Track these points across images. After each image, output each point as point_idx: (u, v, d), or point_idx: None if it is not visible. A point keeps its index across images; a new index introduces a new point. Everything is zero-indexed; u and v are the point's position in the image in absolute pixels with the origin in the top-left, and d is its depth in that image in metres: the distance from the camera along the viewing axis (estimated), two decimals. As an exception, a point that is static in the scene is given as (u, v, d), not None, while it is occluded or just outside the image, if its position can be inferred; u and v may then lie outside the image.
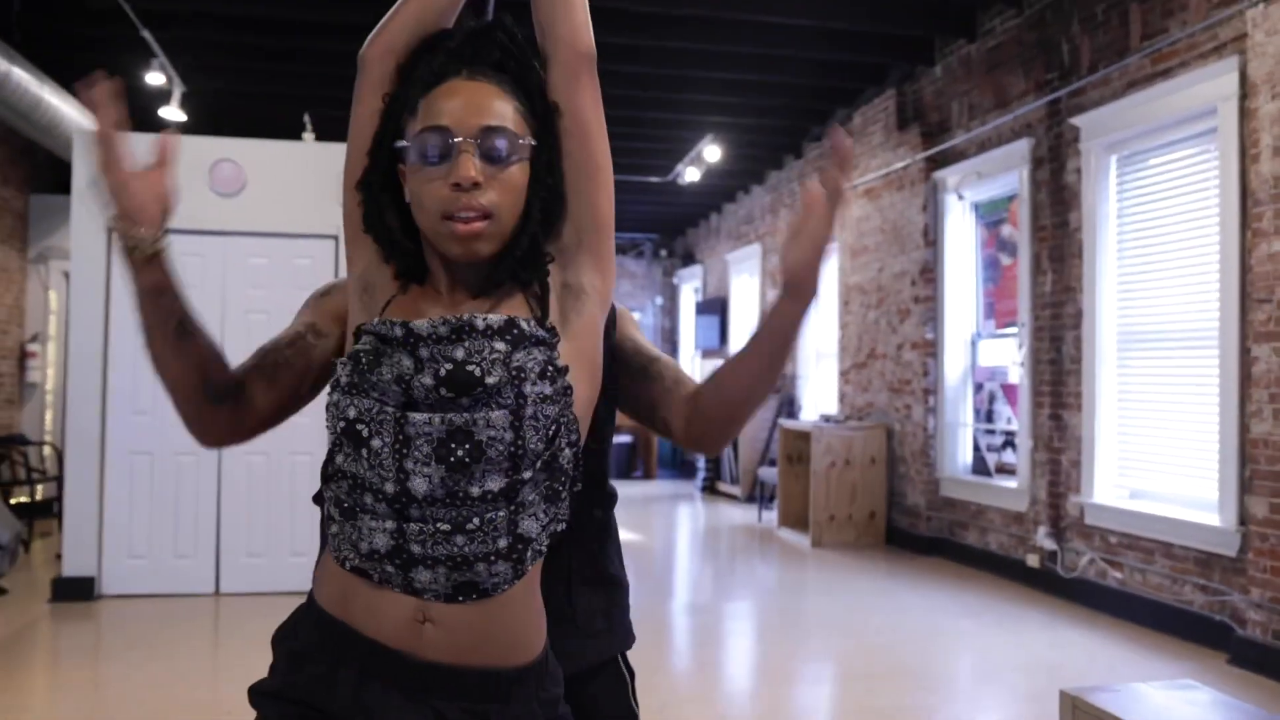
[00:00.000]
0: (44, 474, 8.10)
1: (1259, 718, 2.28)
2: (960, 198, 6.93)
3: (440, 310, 1.17)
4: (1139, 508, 5.17)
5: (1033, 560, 5.91)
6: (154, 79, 6.90)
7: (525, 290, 1.18)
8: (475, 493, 1.07)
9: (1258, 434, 4.33)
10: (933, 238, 7.15)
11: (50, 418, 8.85)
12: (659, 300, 15.04)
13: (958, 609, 5.50)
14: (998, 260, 6.66)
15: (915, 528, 7.25)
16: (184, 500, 5.57)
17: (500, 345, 1.10)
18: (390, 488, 1.08)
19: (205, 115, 8.12)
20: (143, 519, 5.53)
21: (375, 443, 1.08)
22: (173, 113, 7.27)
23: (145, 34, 6.26)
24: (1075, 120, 5.63)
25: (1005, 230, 6.56)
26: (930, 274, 7.15)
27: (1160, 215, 5.22)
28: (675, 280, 14.71)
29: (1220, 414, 4.64)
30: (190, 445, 6.09)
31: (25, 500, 7.66)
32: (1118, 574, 5.27)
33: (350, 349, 1.15)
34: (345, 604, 1.13)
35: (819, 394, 9.49)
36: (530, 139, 1.16)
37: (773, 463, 8.92)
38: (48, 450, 8.36)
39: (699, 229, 13.52)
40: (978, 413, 6.86)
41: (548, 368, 1.10)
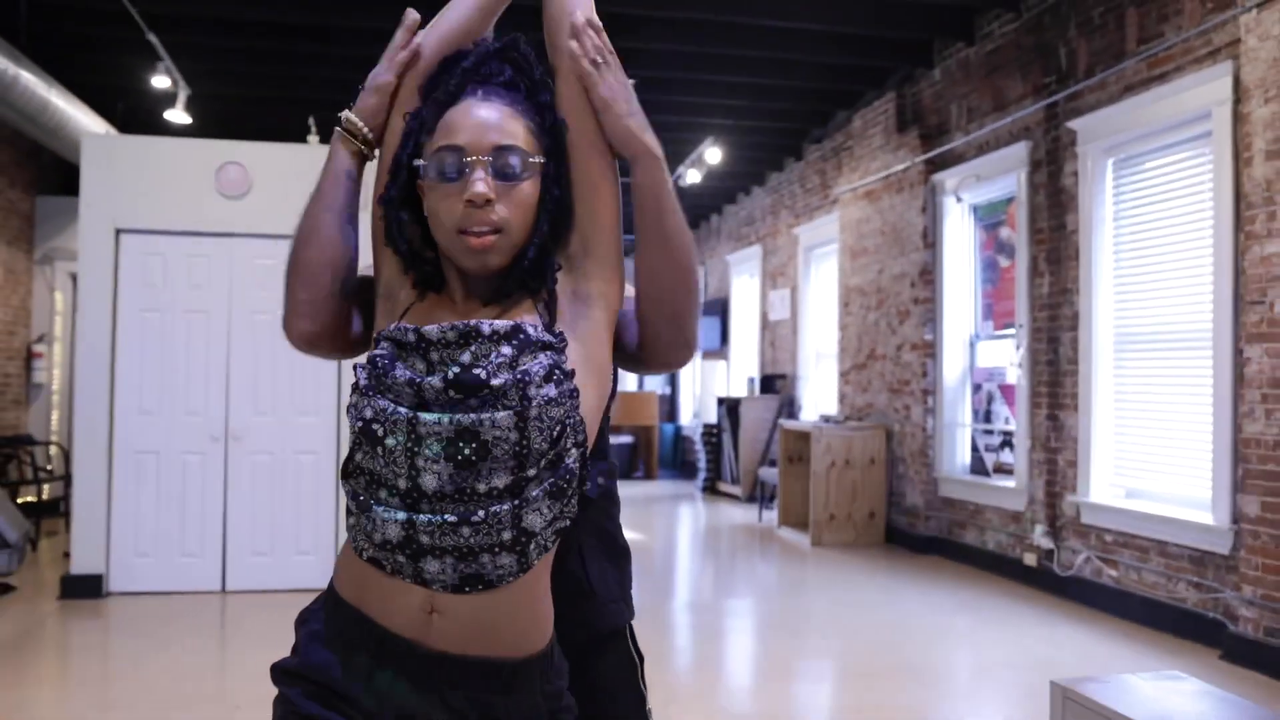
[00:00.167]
0: (50, 473, 8.17)
1: (1243, 707, 2.33)
2: (959, 200, 6.98)
3: (453, 317, 1.22)
4: (1134, 507, 5.23)
5: (1030, 559, 5.96)
6: (160, 82, 6.95)
7: (534, 298, 1.24)
8: (482, 489, 1.13)
9: (1250, 434, 4.39)
10: (931, 240, 7.20)
11: (56, 418, 8.92)
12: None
13: (956, 607, 5.55)
14: (996, 262, 6.71)
15: (914, 527, 7.31)
16: (191, 498, 5.63)
17: (506, 349, 1.15)
18: (403, 483, 1.14)
19: (211, 118, 8.19)
20: (150, 517, 5.59)
21: (389, 441, 1.14)
22: (178, 115, 7.32)
23: (151, 37, 6.30)
24: (1072, 124, 5.68)
25: (1003, 232, 6.61)
26: (929, 276, 7.20)
27: (1156, 218, 5.28)
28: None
29: (1214, 414, 4.70)
30: (197, 444, 6.10)
31: (32, 500, 7.72)
32: (1113, 572, 5.33)
33: (370, 353, 1.22)
34: (361, 592, 1.20)
35: (819, 395, 9.55)
36: (540, 156, 1.22)
37: (773, 463, 8.97)
38: (54, 450, 8.43)
39: (699, 230, 13.56)
40: (976, 413, 6.91)
41: (554, 371, 1.15)
